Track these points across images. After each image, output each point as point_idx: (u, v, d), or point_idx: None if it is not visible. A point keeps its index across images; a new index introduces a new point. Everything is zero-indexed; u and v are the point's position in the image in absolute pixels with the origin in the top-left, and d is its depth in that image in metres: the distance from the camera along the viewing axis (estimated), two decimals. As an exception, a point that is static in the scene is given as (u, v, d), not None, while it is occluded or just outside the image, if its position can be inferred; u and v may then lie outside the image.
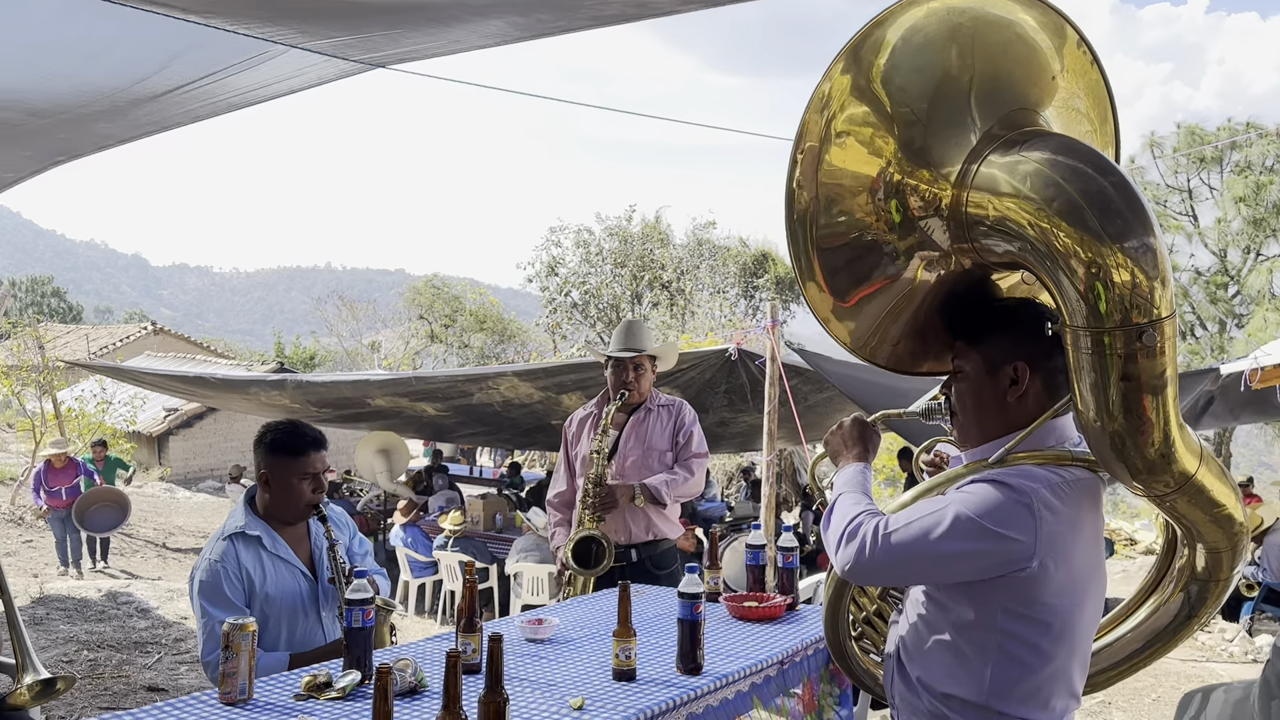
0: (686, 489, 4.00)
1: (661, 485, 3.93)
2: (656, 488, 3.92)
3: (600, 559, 3.89)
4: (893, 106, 1.69)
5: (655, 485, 3.93)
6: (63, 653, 5.59)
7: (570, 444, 4.23)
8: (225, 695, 2.26)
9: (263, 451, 3.02)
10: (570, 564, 3.93)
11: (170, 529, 12.04)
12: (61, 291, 56.61)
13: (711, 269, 26.03)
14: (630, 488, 3.93)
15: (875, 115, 1.69)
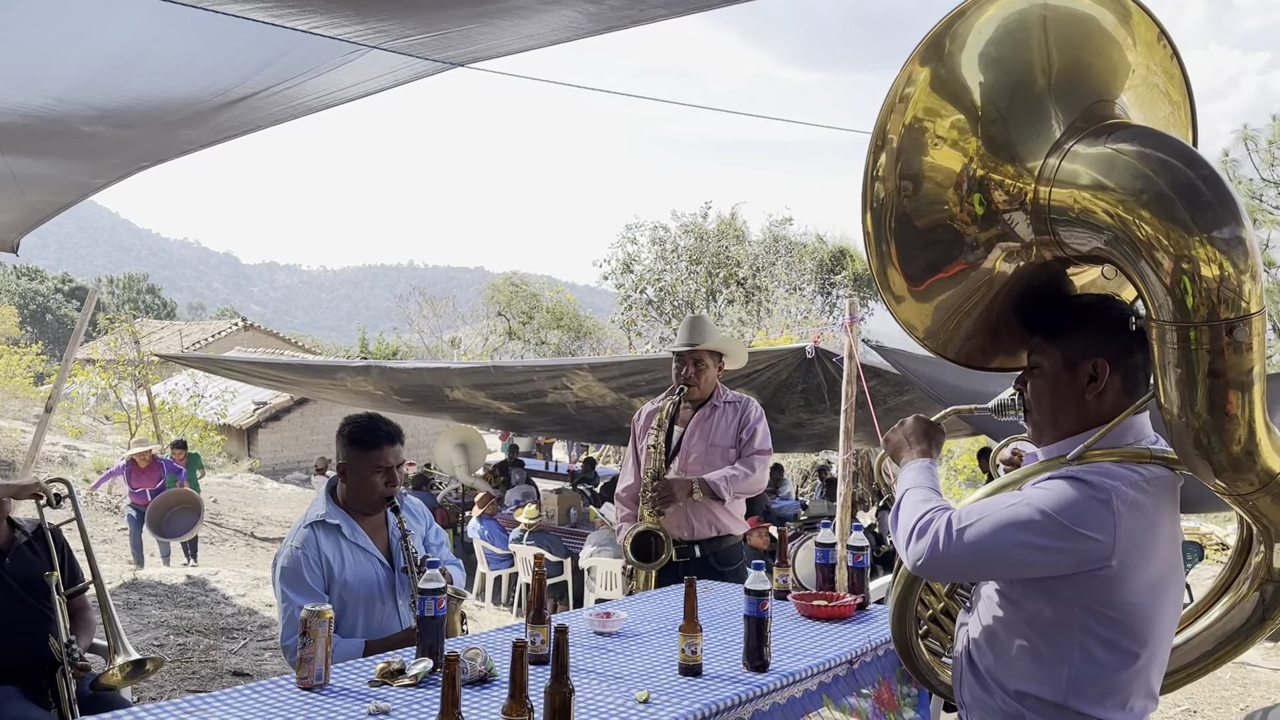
0: (747, 485, 3.95)
1: (721, 481, 3.89)
2: (715, 483, 3.88)
3: (659, 553, 3.89)
4: (974, 100, 1.68)
5: (714, 481, 3.89)
6: (154, 636, 5.81)
7: (638, 438, 4.24)
8: (302, 680, 2.32)
9: (341, 443, 3.11)
10: (629, 558, 3.94)
11: (258, 519, 12.43)
12: (157, 289, 58.84)
13: (787, 266, 25.81)
14: (689, 483, 3.90)
15: (956, 109, 1.69)
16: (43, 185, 4.01)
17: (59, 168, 3.80)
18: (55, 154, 3.60)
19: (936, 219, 1.74)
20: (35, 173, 3.80)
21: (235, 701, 2.20)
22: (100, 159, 3.76)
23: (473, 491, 12.26)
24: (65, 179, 3.98)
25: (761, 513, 9.65)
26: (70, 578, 3.32)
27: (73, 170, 3.89)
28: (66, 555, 3.36)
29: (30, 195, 4.07)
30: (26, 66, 2.85)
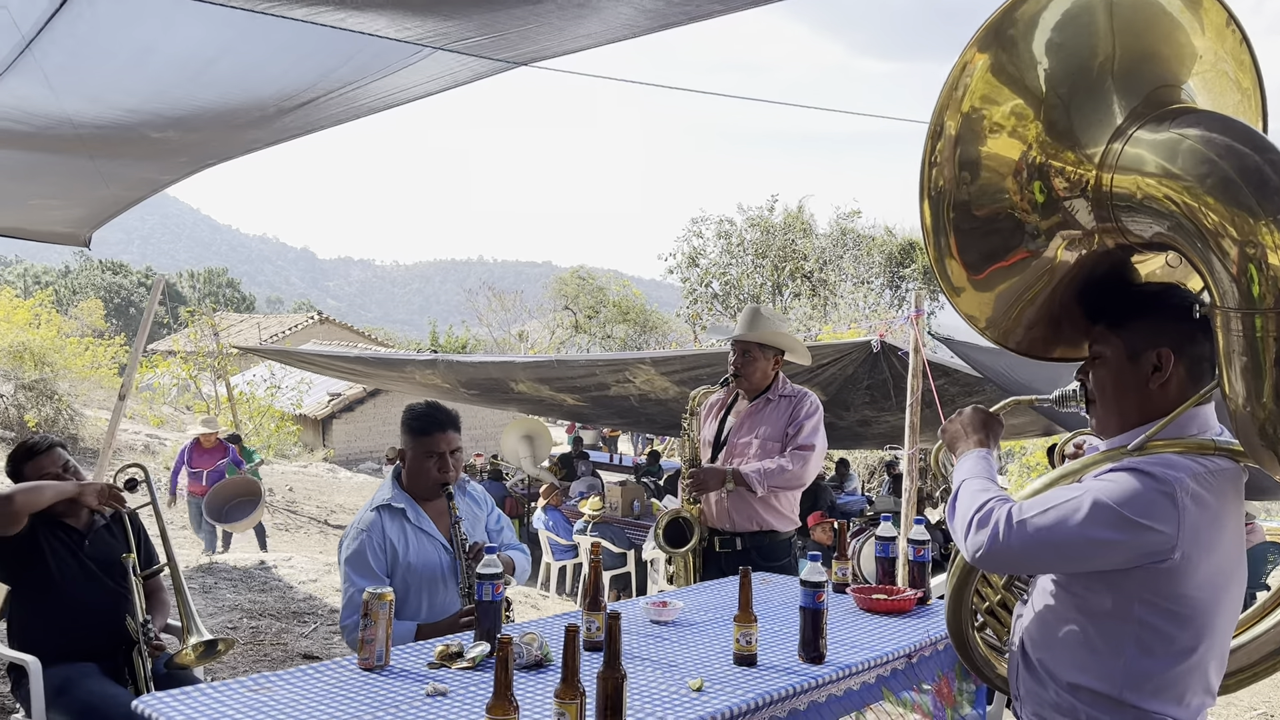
0: (783, 480, 3.83)
1: (754, 473, 3.80)
2: (749, 475, 3.80)
3: (689, 539, 3.89)
4: (1035, 85, 1.66)
5: (749, 472, 3.81)
6: (228, 619, 6.00)
7: (702, 425, 4.24)
8: (364, 661, 2.38)
9: (401, 429, 3.19)
10: (660, 543, 3.94)
11: (332, 507, 12.73)
12: (236, 283, 60.50)
13: (855, 259, 25.52)
14: (724, 472, 3.84)
15: (1017, 94, 1.66)
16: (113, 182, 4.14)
17: (129, 167, 3.93)
18: (126, 156, 3.73)
19: (996, 207, 1.72)
20: (106, 171, 3.93)
21: (299, 680, 2.27)
22: (168, 159, 3.88)
23: (538, 482, 12.39)
24: (135, 176, 4.11)
25: (826, 508, 9.57)
26: (146, 559, 3.44)
27: (142, 169, 4.02)
28: (143, 538, 3.49)
29: (100, 191, 4.21)
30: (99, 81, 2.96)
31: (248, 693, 2.16)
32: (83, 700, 3.01)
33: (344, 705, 2.10)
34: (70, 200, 4.41)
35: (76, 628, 3.18)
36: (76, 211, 4.58)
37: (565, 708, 1.80)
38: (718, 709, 2.08)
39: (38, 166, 3.85)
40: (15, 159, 3.72)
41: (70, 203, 4.44)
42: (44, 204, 4.54)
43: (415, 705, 2.10)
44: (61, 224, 4.84)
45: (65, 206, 4.54)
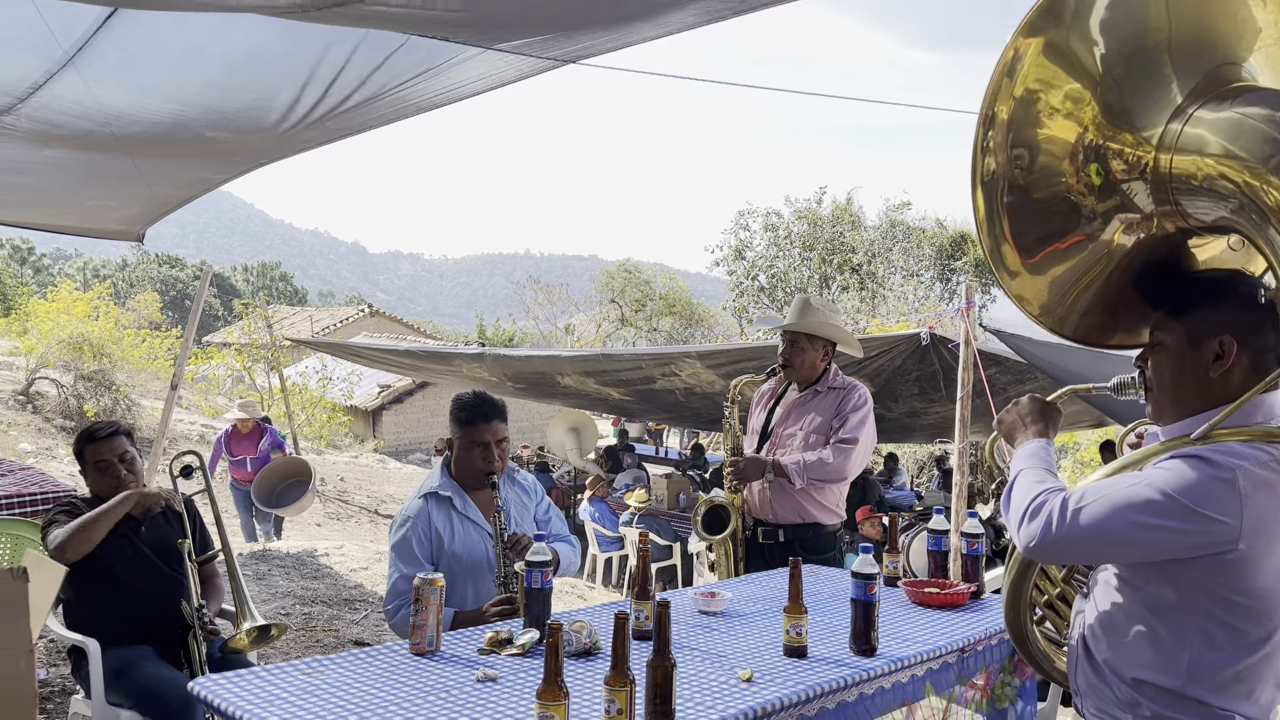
0: (823, 472, 3.76)
1: (793, 465, 3.76)
2: (788, 466, 3.76)
3: (726, 527, 3.89)
4: (1089, 66, 1.62)
5: (788, 464, 3.77)
6: (281, 605, 6.10)
7: (752, 414, 4.23)
8: (415, 646, 2.40)
9: (450, 418, 3.22)
10: (698, 531, 3.94)
11: (381, 497, 12.90)
12: (289, 276, 61.48)
13: (905, 251, 25.22)
14: (764, 463, 3.82)
15: (1070, 76, 1.63)
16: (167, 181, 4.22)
17: (183, 166, 4.00)
18: (179, 155, 3.79)
19: (1051, 190, 1.69)
20: (161, 171, 4.01)
21: (351, 664, 2.30)
22: (221, 158, 3.95)
23: (584, 474, 12.43)
24: (188, 175, 4.19)
25: (874, 502, 9.49)
26: (201, 545, 3.50)
27: (195, 168, 4.09)
28: (198, 524, 3.55)
29: (155, 189, 4.29)
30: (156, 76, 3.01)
31: (301, 675, 2.19)
32: (139, 682, 3.07)
33: (395, 689, 2.12)
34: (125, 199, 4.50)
35: (134, 612, 3.25)
36: (132, 209, 4.68)
37: (615, 694, 1.79)
38: (768, 700, 2.06)
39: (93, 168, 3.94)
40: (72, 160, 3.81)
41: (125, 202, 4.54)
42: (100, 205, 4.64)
43: (466, 690, 2.11)
44: (116, 221, 4.95)
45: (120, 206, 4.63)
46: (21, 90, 2.89)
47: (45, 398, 13.75)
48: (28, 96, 2.94)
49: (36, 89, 2.88)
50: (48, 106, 3.04)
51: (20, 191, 4.06)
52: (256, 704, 2.01)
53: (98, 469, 3.32)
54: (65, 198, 4.46)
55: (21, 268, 43.14)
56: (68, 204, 4.63)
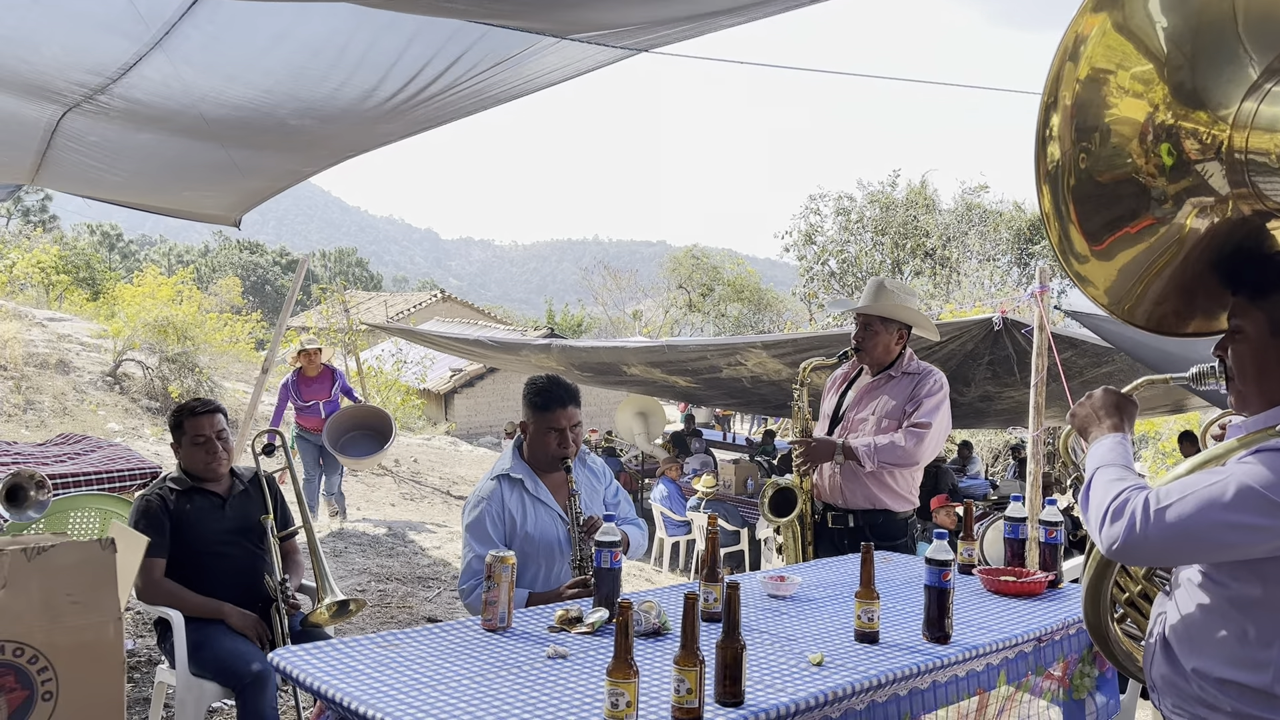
0: (894, 457, 3.68)
1: (864, 448, 3.69)
2: (858, 449, 3.69)
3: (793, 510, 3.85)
4: (1156, 46, 1.56)
5: (858, 446, 3.70)
6: (357, 582, 6.25)
7: (823, 398, 4.19)
8: (487, 622, 2.44)
9: (523, 402, 3.24)
10: (765, 513, 3.90)
11: (454, 478, 13.09)
12: (364, 262, 62.68)
13: (981, 235, 24.68)
14: (834, 445, 3.75)
15: (1137, 56, 1.57)
16: (260, 173, 4.33)
17: (273, 159, 4.10)
18: (270, 147, 3.89)
19: (1119, 174, 1.63)
20: (253, 164, 4.11)
21: (425, 639, 2.34)
22: (308, 151, 4.03)
23: (652, 459, 12.47)
24: (279, 168, 4.28)
25: (948, 491, 9.34)
26: (282, 522, 3.60)
27: (285, 161, 4.18)
28: (279, 501, 3.65)
29: (249, 181, 4.41)
30: (239, 62, 3.09)
31: (377, 648, 2.24)
32: (217, 654, 3.17)
33: (468, 663, 2.15)
34: (219, 191, 4.63)
35: (218, 585, 3.35)
36: (228, 198, 4.81)
37: (685, 674, 1.80)
38: (839, 684, 2.04)
39: (187, 158, 4.05)
40: (167, 148, 3.92)
41: (220, 193, 4.66)
42: (196, 196, 4.78)
43: (537, 666, 2.14)
44: (214, 208, 5.09)
45: (217, 195, 4.76)
46: (113, 70, 2.98)
47: (132, 379, 14.25)
48: (119, 77, 3.03)
49: (126, 70, 2.97)
50: (137, 88, 3.13)
51: (121, 174, 4.19)
52: (334, 675, 2.06)
53: (194, 443, 3.42)
54: (162, 186, 4.61)
55: (110, 253, 44.72)
56: (165, 193, 4.78)
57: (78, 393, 13.21)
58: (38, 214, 43.89)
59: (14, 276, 19.13)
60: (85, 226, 48.96)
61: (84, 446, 5.63)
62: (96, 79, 3.06)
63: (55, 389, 12.98)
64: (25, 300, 17.58)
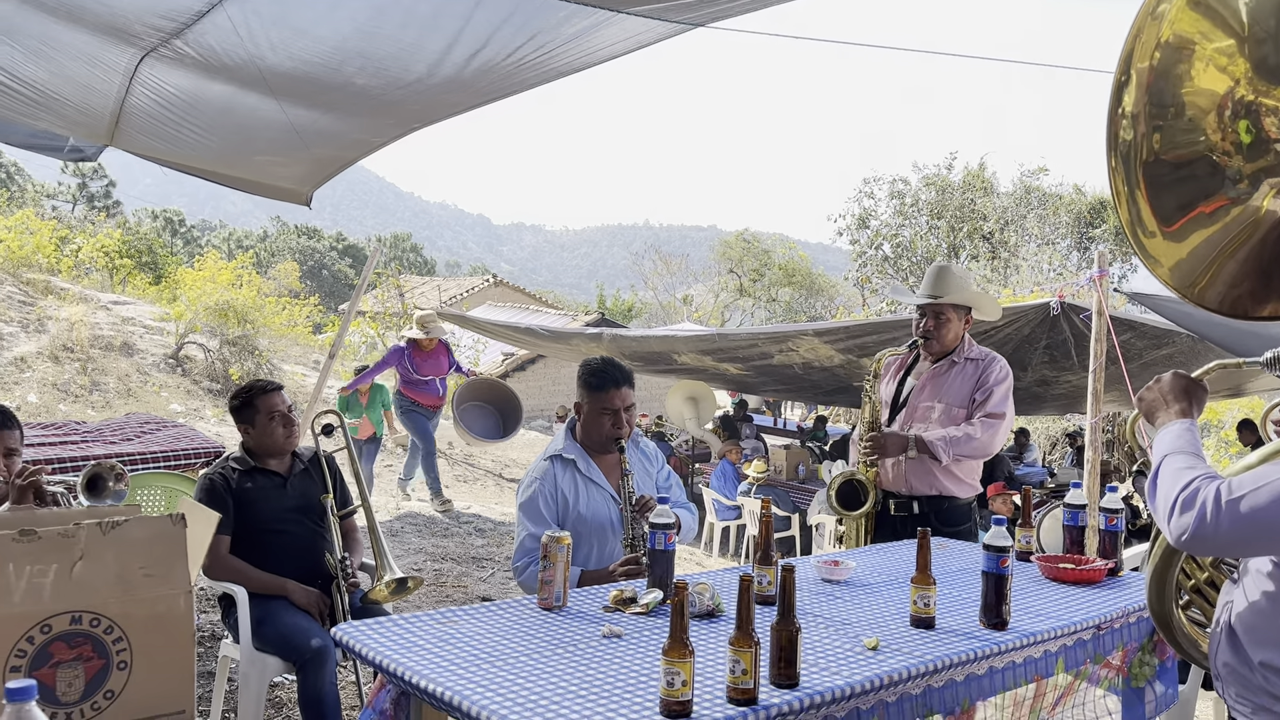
0: (969, 449, 3.65)
1: (939, 441, 3.64)
2: (933, 443, 3.64)
3: (864, 501, 3.79)
4: (1236, 20, 1.53)
5: (933, 440, 3.65)
6: (413, 561, 6.35)
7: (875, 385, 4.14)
8: (543, 601, 2.47)
9: (578, 383, 3.27)
10: (833, 504, 3.86)
11: (505, 461, 13.22)
12: (418, 247, 63.30)
13: (1040, 219, 24.20)
14: (904, 438, 3.70)
15: (1215, 31, 1.53)
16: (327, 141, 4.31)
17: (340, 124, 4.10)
18: (338, 109, 3.89)
19: (1193, 152, 1.60)
20: (319, 128, 4.11)
21: (483, 616, 2.37)
22: (375, 118, 4.04)
23: (702, 444, 12.46)
24: (346, 136, 4.28)
25: (1004, 478, 9.22)
26: (341, 501, 3.67)
27: (352, 128, 4.18)
28: (338, 481, 3.72)
29: (316, 151, 4.40)
30: (307, 16, 3.12)
31: (436, 625, 2.28)
32: (279, 630, 3.25)
33: (524, 641, 2.18)
34: (290, 159, 4.62)
35: (280, 562, 3.43)
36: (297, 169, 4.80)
37: (740, 655, 1.81)
38: (895, 668, 2.04)
39: (258, 120, 4.04)
40: (241, 108, 3.91)
41: (291, 161, 4.65)
42: (268, 162, 4.78)
43: (592, 645, 2.16)
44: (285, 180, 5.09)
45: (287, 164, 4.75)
46: (186, 16, 3.03)
47: (193, 361, 14.58)
48: (192, 23, 3.07)
49: (199, 17, 3.02)
50: (209, 35, 3.17)
51: (195, 131, 4.21)
52: (396, 650, 2.10)
53: (270, 418, 3.51)
54: (234, 149, 4.58)
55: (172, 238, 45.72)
56: (237, 157, 4.76)
57: (141, 374, 13.56)
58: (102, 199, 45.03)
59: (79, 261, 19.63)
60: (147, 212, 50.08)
61: (150, 426, 5.78)
62: (171, 24, 3.11)
63: (120, 371, 13.33)
64: (90, 284, 18.04)
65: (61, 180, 46.49)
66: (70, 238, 20.97)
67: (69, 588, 1.58)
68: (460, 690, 1.86)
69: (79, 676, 1.55)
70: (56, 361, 12.92)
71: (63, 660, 1.53)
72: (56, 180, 46.85)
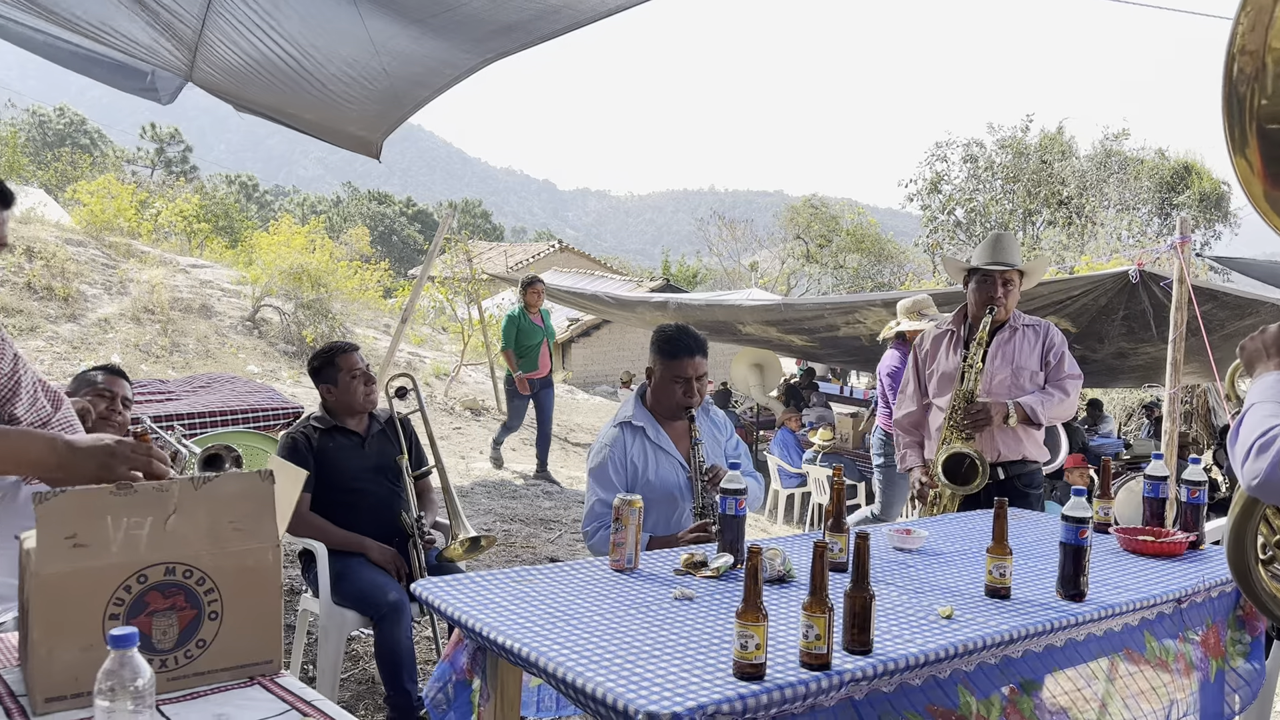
0: (1060, 410, 3.83)
1: (1037, 404, 3.77)
2: (1032, 406, 3.76)
3: (972, 476, 3.77)
4: None
5: (1030, 404, 3.77)
6: (483, 522, 6.47)
7: (922, 363, 4.10)
8: (615, 563, 2.50)
9: (651, 349, 3.27)
10: (941, 479, 3.83)
11: (571, 426, 13.34)
12: (486, 213, 63.77)
13: (1120, 184, 23.42)
14: (1004, 406, 3.78)
15: None
16: (402, 64, 4.19)
17: (417, 45, 3.97)
18: (420, 24, 3.81)
19: None
20: (396, 49, 3.99)
21: (556, 575, 2.41)
22: (452, 37, 3.91)
23: (767, 411, 12.41)
24: (424, 60, 4.15)
25: (1078, 449, 9.03)
26: (416, 461, 3.75)
27: (431, 51, 4.05)
28: (414, 442, 3.80)
29: (392, 76, 4.28)
30: None
31: (511, 583, 2.32)
32: (356, 585, 3.34)
33: (597, 601, 2.21)
34: (365, 92, 4.50)
35: (358, 520, 3.52)
36: (370, 107, 4.70)
37: (814, 620, 1.81)
38: (970, 637, 2.02)
39: (335, 34, 3.98)
40: (318, 19, 3.86)
41: (364, 94, 4.54)
42: (343, 92, 4.64)
43: (664, 607, 2.18)
44: (356, 125, 5.02)
45: (359, 101, 4.65)
46: None
47: (269, 324, 14.93)
48: None
49: None
50: None
51: (272, 51, 4.16)
52: (473, 606, 2.14)
53: (353, 376, 3.60)
54: (309, 79, 4.49)
55: (247, 203, 46.73)
56: (312, 91, 4.67)
57: (219, 336, 13.93)
58: (179, 164, 46.13)
59: (159, 225, 20.17)
60: (223, 177, 51.18)
61: (231, 386, 5.95)
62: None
63: (199, 332, 13.72)
64: (170, 248, 18.54)
65: (140, 145, 47.76)
66: (150, 201, 21.53)
67: (163, 539, 1.63)
68: (536, 646, 1.89)
69: (173, 625, 1.61)
70: (138, 323, 13.35)
71: (157, 609, 1.58)
72: (135, 146, 48.14)
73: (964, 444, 3.80)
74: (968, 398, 3.83)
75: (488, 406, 13.11)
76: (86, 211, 17.22)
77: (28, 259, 13.46)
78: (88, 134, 45.69)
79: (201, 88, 4.83)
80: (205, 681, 1.61)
